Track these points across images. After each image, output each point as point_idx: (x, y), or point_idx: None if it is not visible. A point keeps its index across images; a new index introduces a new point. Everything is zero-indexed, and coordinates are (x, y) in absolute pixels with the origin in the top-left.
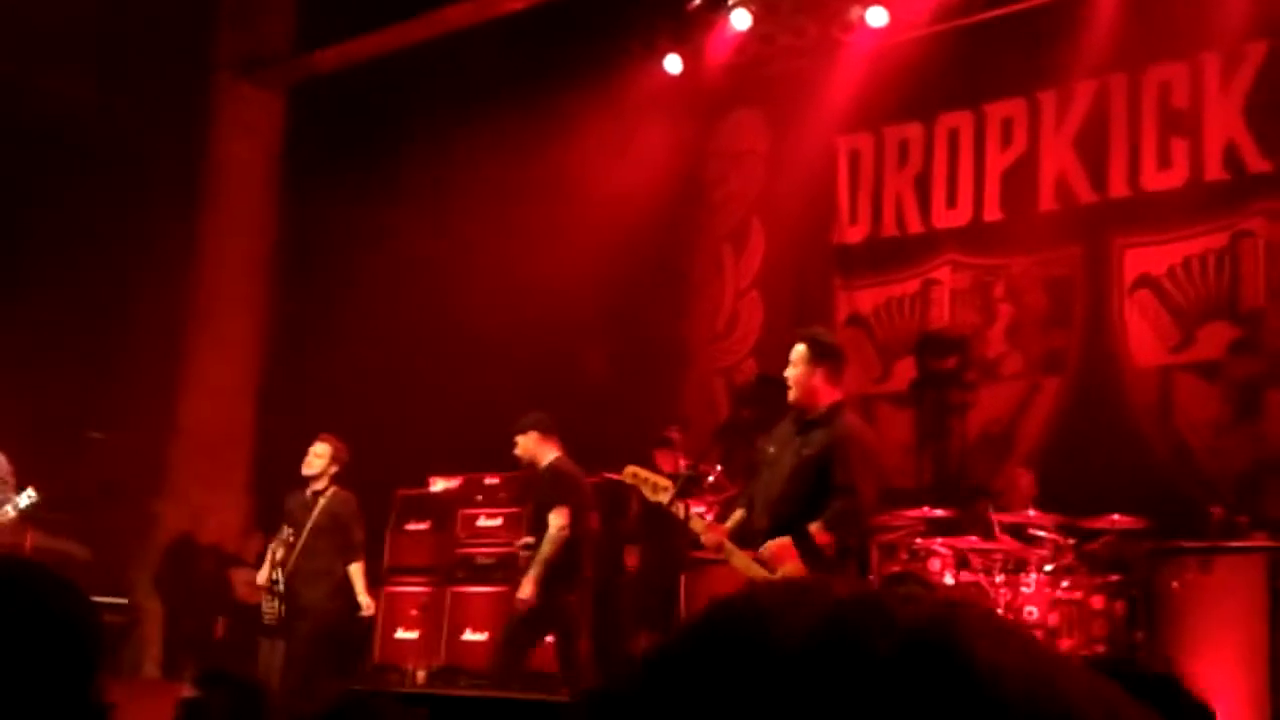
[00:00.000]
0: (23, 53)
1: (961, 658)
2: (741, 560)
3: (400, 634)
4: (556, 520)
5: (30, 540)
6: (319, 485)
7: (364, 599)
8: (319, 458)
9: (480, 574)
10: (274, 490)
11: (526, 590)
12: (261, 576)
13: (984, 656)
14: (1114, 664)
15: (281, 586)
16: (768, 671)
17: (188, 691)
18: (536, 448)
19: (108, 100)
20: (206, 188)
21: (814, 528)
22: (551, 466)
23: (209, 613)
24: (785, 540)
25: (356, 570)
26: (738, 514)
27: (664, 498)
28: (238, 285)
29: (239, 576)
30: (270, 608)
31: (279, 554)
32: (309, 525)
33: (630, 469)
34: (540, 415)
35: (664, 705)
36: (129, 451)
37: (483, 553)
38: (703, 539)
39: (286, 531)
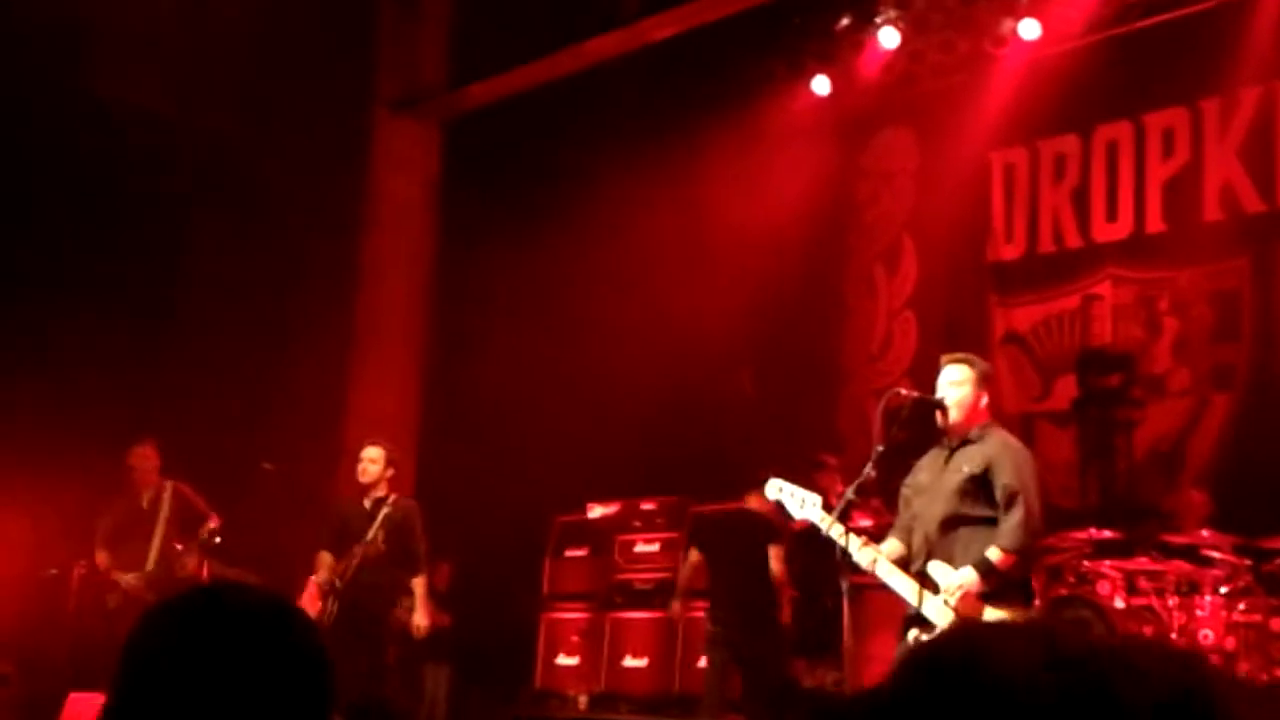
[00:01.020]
0: (183, 92)
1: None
2: (903, 583)
3: (561, 660)
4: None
5: (207, 569)
6: (379, 493)
7: (419, 619)
8: (373, 463)
9: (639, 599)
10: (435, 518)
11: None
12: (322, 578)
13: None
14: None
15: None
16: (1003, 716)
17: None
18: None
19: (266, 138)
20: (366, 222)
21: (994, 557)
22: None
23: (380, 639)
24: (969, 585)
25: (418, 584)
26: (896, 545)
27: (814, 515)
28: (397, 316)
29: (403, 603)
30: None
31: (337, 566)
32: (370, 536)
33: (775, 483)
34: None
35: None
36: (300, 481)
37: (640, 578)
38: (858, 558)
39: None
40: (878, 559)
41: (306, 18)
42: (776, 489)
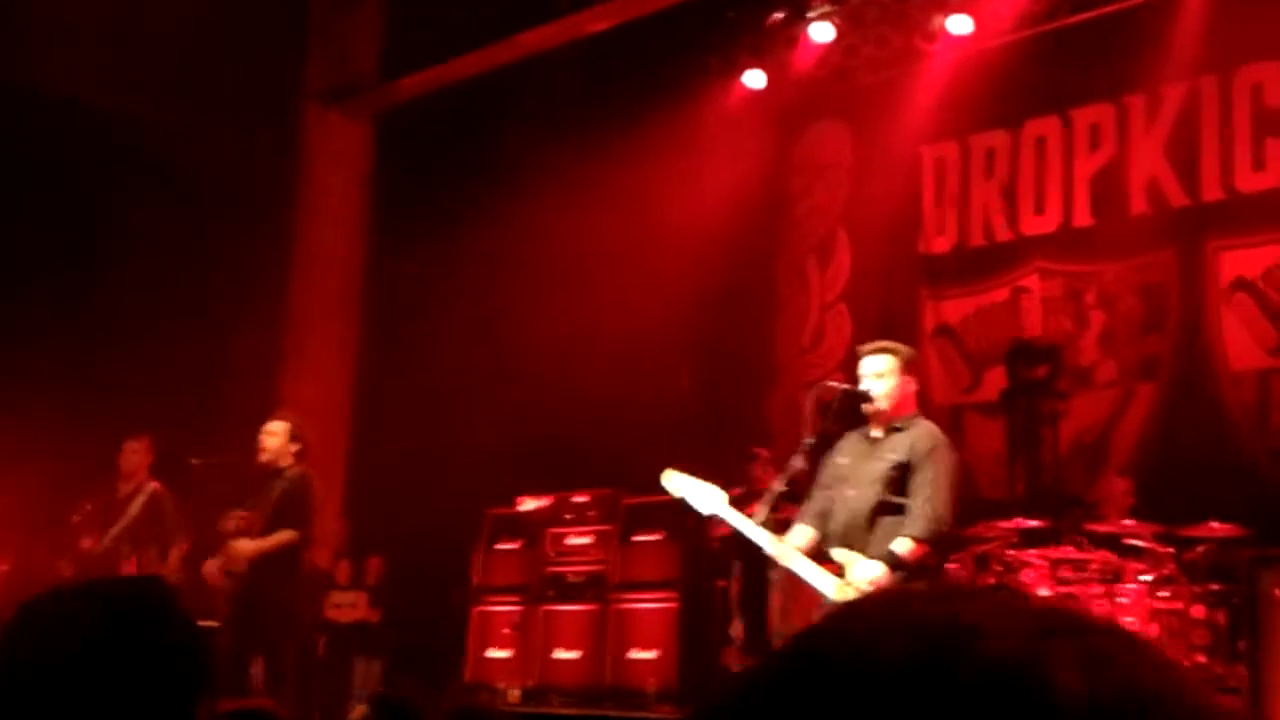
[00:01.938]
0: (115, 83)
1: (1042, 688)
2: (818, 576)
3: (492, 653)
4: None
5: (133, 565)
6: (281, 466)
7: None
8: (271, 436)
9: (570, 592)
10: (365, 513)
11: None
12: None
13: (1068, 688)
14: None
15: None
16: (857, 700)
17: (358, 712)
18: None
19: (199, 129)
20: (298, 214)
21: (903, 549)
22: None
23: (305, 633)
24: (879, 580)
25: (279, 538)
26: (809, 531)
27: (719, 509)
28: (329, 309)
29: (332, 598)
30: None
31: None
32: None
33: (672, 480)
34: None
35: None
36: (228, 477)
37: (572, 571)
38: (771, 552)
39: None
40: (792, 555)
41: (239, 8)
42: (675, 486)
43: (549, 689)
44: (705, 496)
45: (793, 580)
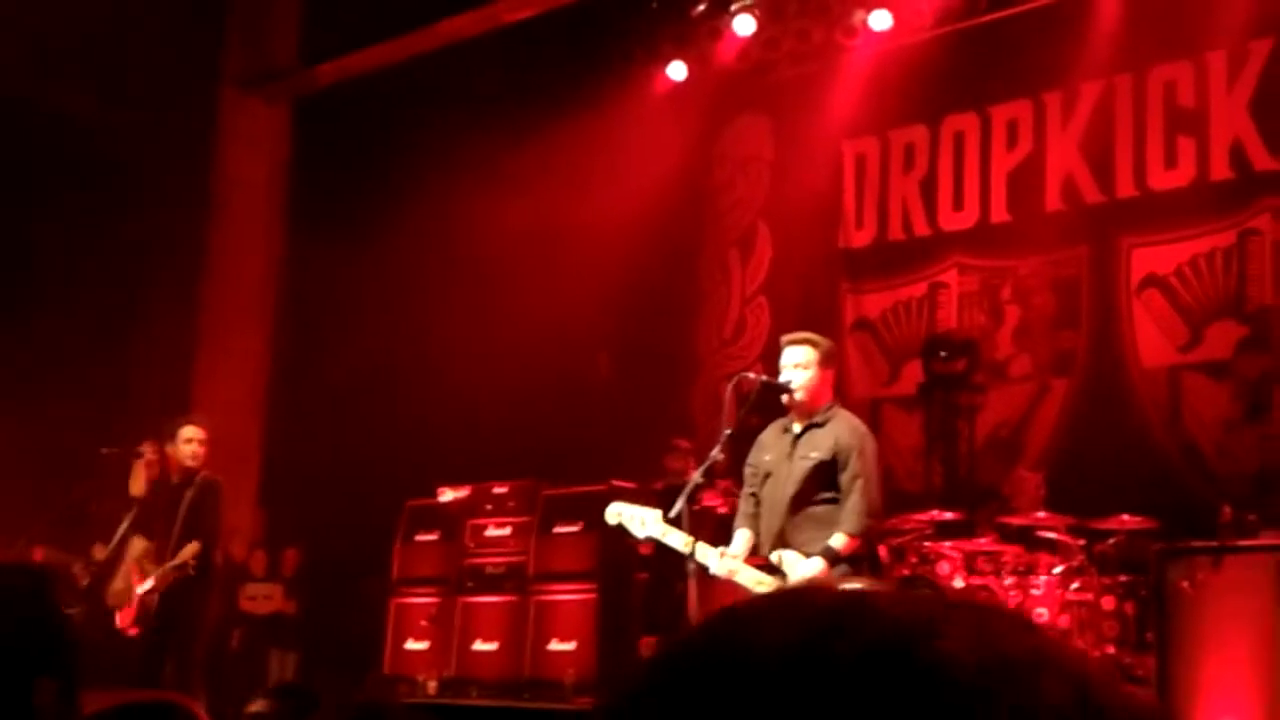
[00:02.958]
0: (29, 70)
1: (913, 654)
2: (754, 580)
3: (410, 645)
4: None
5: (40, 555)
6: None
7: (147, 585)
8: (203, 444)
9: (490, 584)
10: (282, 504)
11: None
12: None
13: (938, 648)
14: None
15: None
16: (745, 689)
17: (257, 705)
18: None
19: (115, 116)
20: (214, 202)
21: (838, 544)
22: None
23: (220, 625)
24: (817, 575)
25: (186, 551)
26: (747, 536)
27: (655, 530)
28: (246, 298)
29: (247, 590)
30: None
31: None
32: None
33: (613, 510)
34: None
35: None
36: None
37: (492, 562)
38: (714, 568)
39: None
40: (733, 568)
41: None
42: (615, 515)
43: (467, 680)
44: (642, 521)
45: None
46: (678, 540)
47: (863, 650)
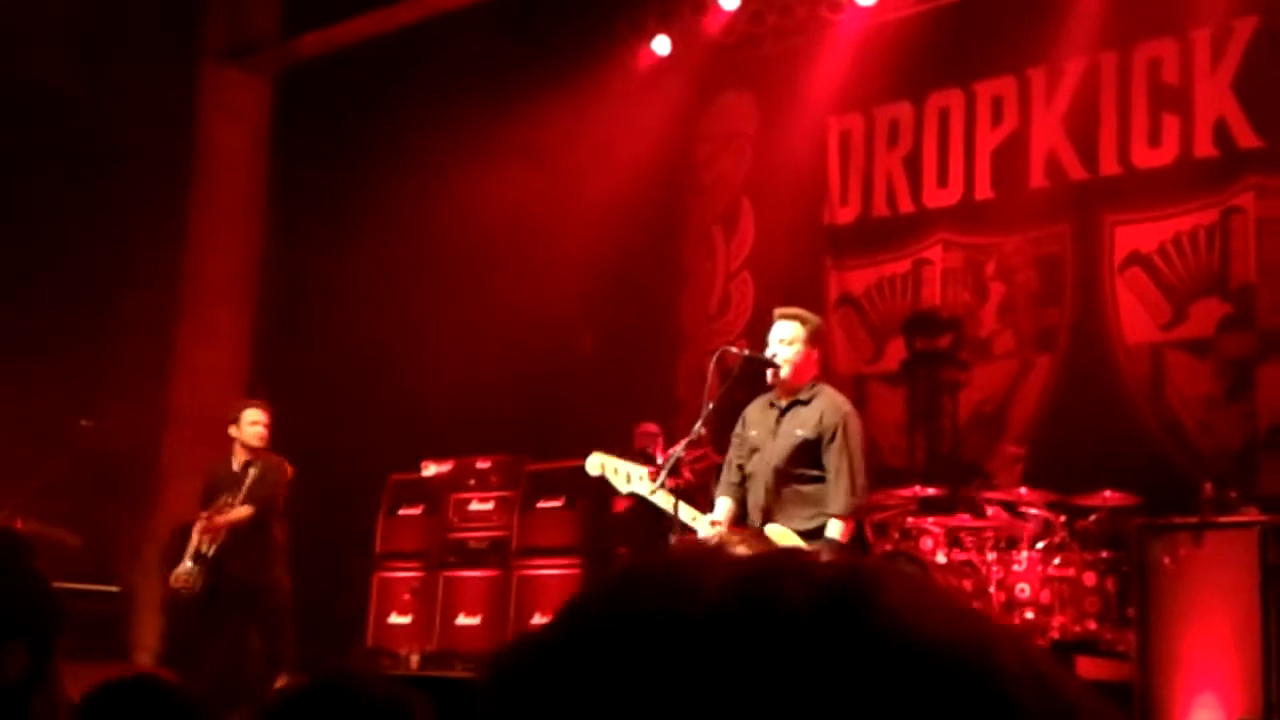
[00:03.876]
0: (5, 40)
1: (869, 612)
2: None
3: (393, 619)
4: None
5: (20, 527)
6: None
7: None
8: (266, 426)
9: (472, 558)
10: None
11: None
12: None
13: (892, 610)
14: None
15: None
16: (676, 634)
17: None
18: None
19: (93, 88)
20: (194, 174)
21: (835, 532)
22: None
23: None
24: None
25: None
26: (728, 505)
27: (641, 488)
28: (227, 271)
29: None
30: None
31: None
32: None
33: (595, 459)
34: None
35: (568, 674)
36: (120, 439)
37: (475, 537)
38: (697, 528)
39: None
40: (721, 535)
41: None
42: (598, 466)
43: (450, 654)
44: (627, 476)
45: None
46: (664, 500)
47: (808, 603)
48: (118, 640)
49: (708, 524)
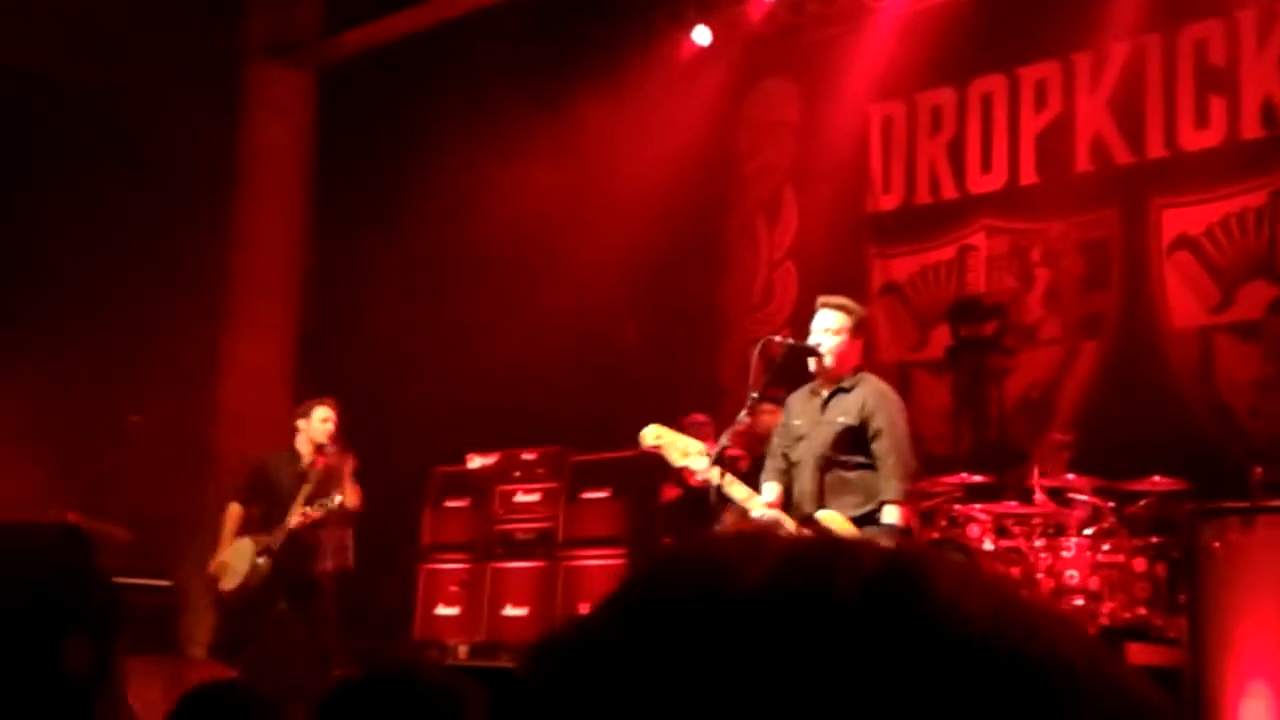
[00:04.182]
0: (51, 42)
1: (922, 599)
2: (779, 523)
3: (441, 610)
4: None
5: (77, 521)
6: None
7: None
8: (333, 422)
9: (519, 550)
10: None
11: None
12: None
13: (945, 598)
14: None
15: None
16: (723, 618)
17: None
18: None
19: (137, 87)
20: (239, 171)
21: (893, 518)
22: None
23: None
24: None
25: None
26: (777, 489)
27: (696, 464)
28: (272, 267)
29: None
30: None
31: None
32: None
33: (653, 430)
34: None
35: (612, 658)
36: (170, 434)
37: (521, 528)
38: (750, 508)
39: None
40: (778, 516)
41: None
42: (655, 437)
43: (498, 645)
44: (685, 451)
45: None
46: (713, 474)
47: (863, 586)
48: (169, 635)
49: (761, 504)
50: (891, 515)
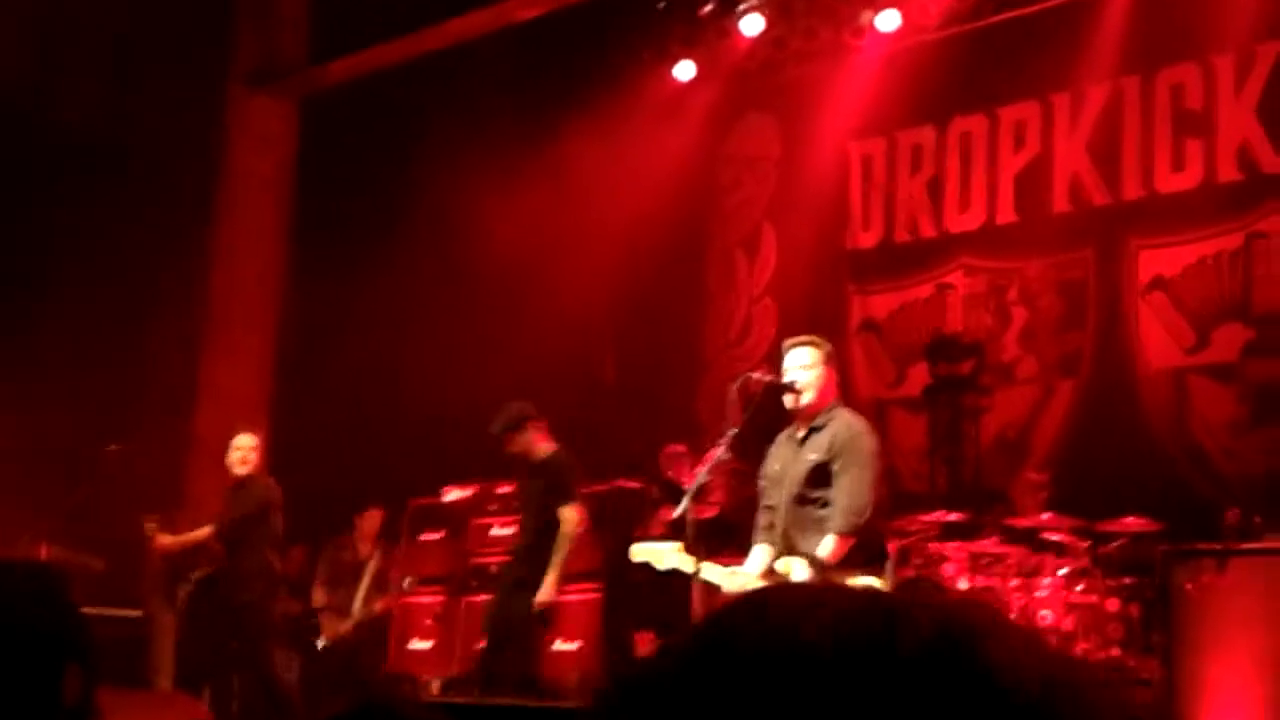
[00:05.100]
0: (36, 67)
1: (981, 658)
2: None
3: (414, 644)
4: (572, 516)
5: (46, 553)
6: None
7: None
8: (253, 450)
9: (494, 583)
10: (287, 504)
11: (549, 593)
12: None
13: (1002, 658)
14: None
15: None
16: (789, 673)
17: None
18: (535, 441)
19: (122, 113)
20: (221, 199)
21: (825, 550)
22: (555, 459)
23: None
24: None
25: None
26: (766, 552)
27: (680, 562)
28: (251, 295)
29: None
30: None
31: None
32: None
33: (637, 547)
34: (528, 405)
35: (685, 705)
36: (145, 463)
37: (496, 561)
38: (725, 586)
39: None
40: (745, 585)
41: None
42: (639, 553)
43: (472, 679)
44: (664, 556)
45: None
46: (703, 569)
47: (922, 646)
48: (139, 665)
49: (735, 579)
50: (825, 547)
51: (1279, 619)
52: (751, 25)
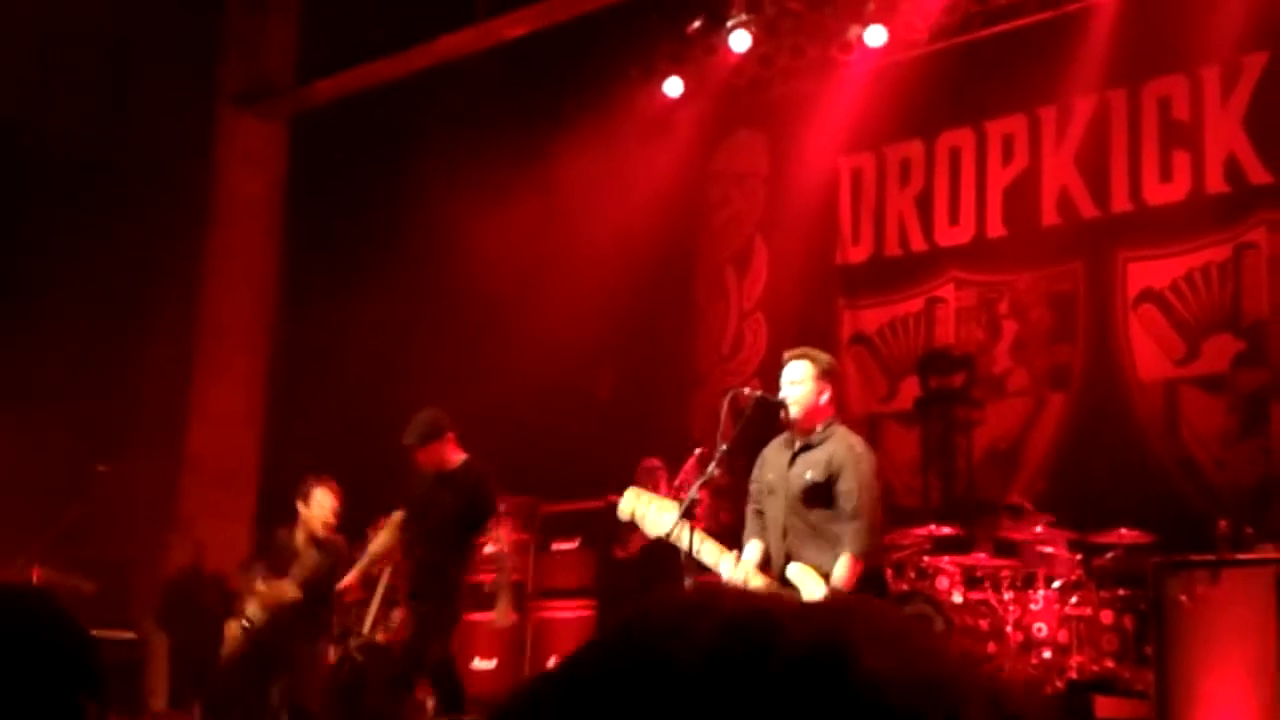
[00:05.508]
0: (26, 86)
1: (855, 670)
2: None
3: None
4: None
5: (37, 575)
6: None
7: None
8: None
9: (488, 601)
10: (279, 521)
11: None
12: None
13: (867, 666)
14: None
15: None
16: (664, 692)
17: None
18: (449, 452)
19: (112, 135)
20: (210, 219)
21: (841, 572)
22: (471, 469)
23: (215, 645)
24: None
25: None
26: (759, 547)
27: (673, 533)
28: (242, 315)
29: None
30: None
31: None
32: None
33: (630, 498)
34: (443, 413)
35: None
36: (137, 484)
37: (490, 579)
38: (721, 570)
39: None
40: (748, 577)
41: (152, 10)
42: (629, 510)
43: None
44: (660, 517)
45: None
46: (693, 543)
47: (792, 661)
48: (132, 688)
49: (732, 565)
50: (841, 569)
51: (1272, 629)
52: (739, 42)
